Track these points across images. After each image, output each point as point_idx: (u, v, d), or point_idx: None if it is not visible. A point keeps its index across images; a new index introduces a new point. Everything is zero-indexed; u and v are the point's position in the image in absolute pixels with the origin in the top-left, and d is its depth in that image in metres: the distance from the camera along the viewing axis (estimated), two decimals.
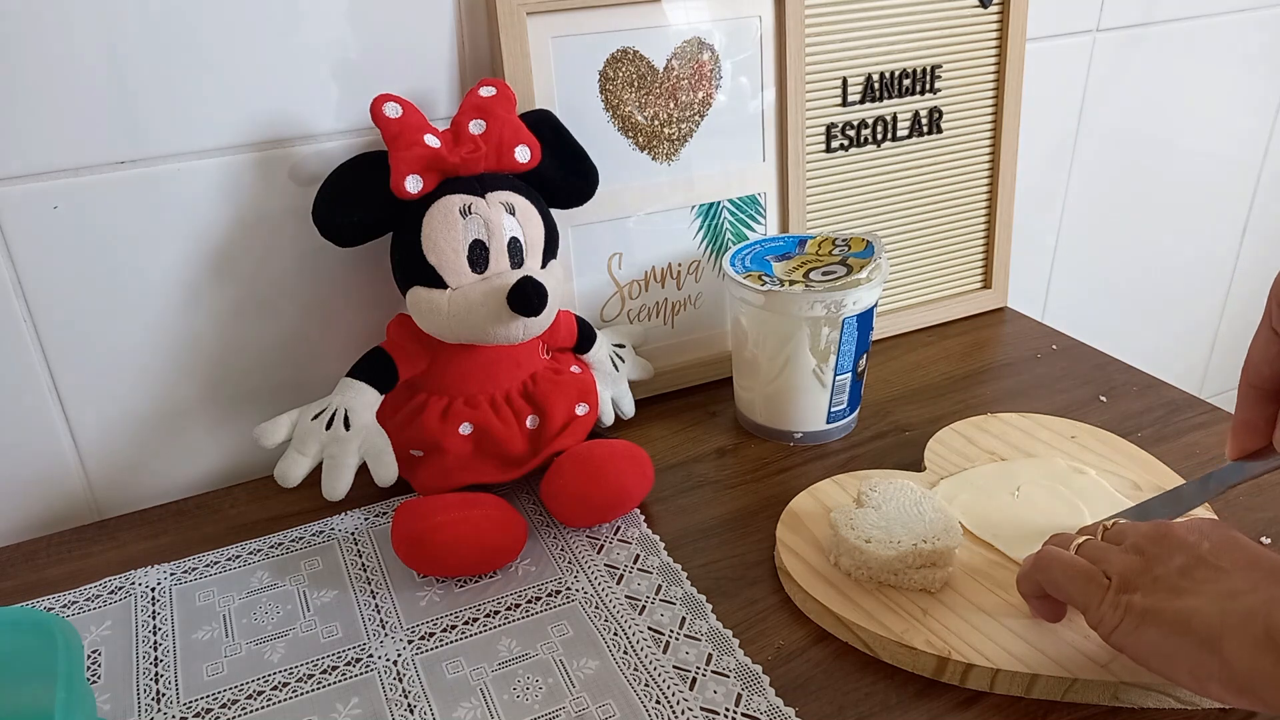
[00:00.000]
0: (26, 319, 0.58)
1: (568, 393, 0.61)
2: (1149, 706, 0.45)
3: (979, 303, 0.86)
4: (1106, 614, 0.42)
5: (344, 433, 0.56)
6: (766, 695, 0.47)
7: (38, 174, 0.56)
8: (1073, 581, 0.44)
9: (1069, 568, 0.45)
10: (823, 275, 0.64)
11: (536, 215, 0.59)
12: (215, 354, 0.64)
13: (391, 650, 0.50)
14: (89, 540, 0.61)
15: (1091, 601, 0.43)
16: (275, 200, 0.62)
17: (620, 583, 0.54)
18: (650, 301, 0.72)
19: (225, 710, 0.47)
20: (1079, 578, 0.44)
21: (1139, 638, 0.41)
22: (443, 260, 0.56)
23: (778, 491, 0.62)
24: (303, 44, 0.59)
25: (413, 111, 0.57)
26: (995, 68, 0.80)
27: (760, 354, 0.66)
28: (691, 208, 0.72)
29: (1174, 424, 0.68)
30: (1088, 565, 0.44)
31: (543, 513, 0.61)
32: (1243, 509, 0.59)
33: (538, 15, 0.63)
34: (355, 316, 0.67)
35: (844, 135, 0.76)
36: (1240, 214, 1.12)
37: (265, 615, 0.53)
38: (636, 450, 0.60)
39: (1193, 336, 1.19)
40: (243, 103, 0.59)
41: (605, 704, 0.47)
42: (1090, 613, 0.43)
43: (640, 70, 0.67)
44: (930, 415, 0.70)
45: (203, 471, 0.67)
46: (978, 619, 0.49)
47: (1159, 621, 0.40)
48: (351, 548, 0.58)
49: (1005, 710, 0.46)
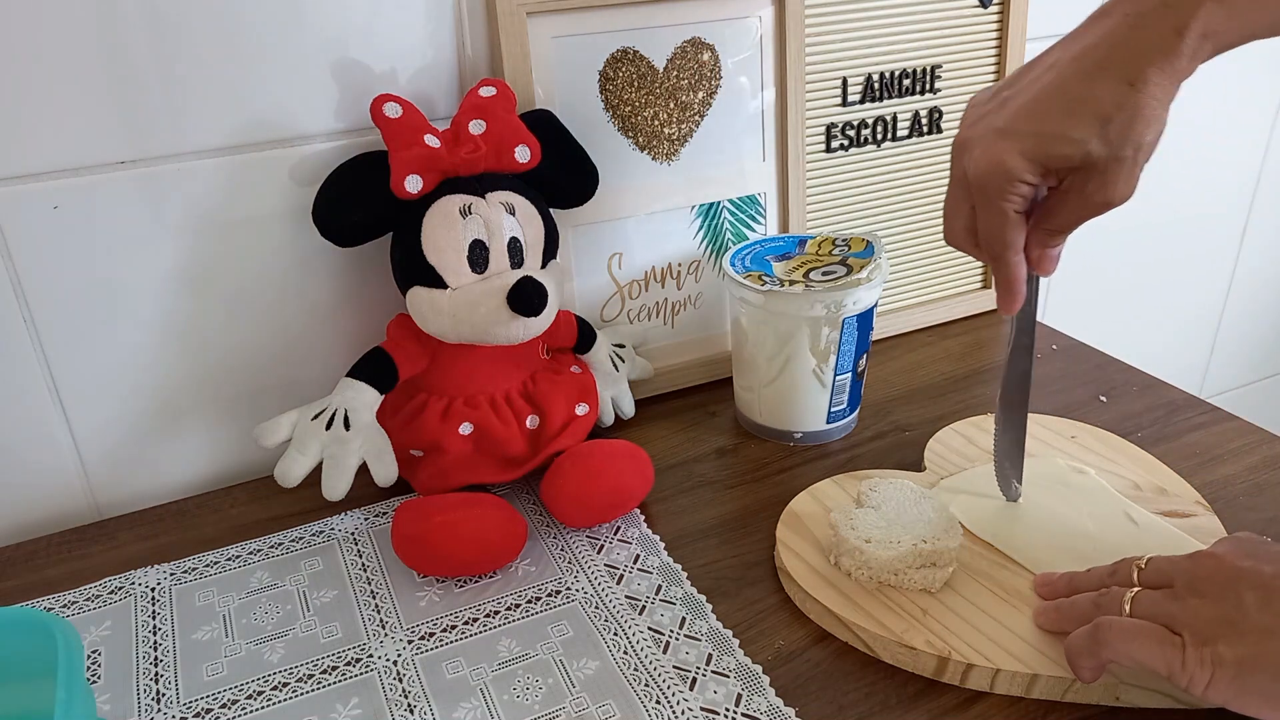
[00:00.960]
0: (27, 319, 0.58)
1: (568, 393, 0.61)
2: (1149, 706, 0.45)
3: (979, 303, 0.85)
4: (1195, 672, 0.39)
5: (344, 433, 0.56)
6: (766, 695, 0.47)
7: (38, 174, 0.56)
8: (1144, 649, 0.41)
9: (1135, 636, 0.41)
10: (823, 275, 0.64)
11: (536, 215, 0.59)
12: (215, 354, 0.64)
13: (391, 650, 0.50)
14: (89, 540, 0.60)
15: (1174, 665, 0.40)
16: (275, 200, 0.62)
17: (620, 583, 0.54)
18: (650, 301, 0.72)
19: (225, 710, 0.47)
20: (1149, 643, 0.41)
21: (1242, 688, 0.38)
22: (443, 260, 0.56)
23: (778, 491, 0.62)
24: (303, 44, 0.59)
25: (413, 111, 0.57)
26: (995, 68, 0.80)
27: (760, 354, 0.66)
28: (691, 208, 0.72)
29: (1174, 424, 0.68)
30: (1153, 628, 0.41)
31: (543, 513, 0.61)
32: (1243, 509, 0.59)
33: (538, 15, 0.63)
34: (355, 316, 0.67)
35: (844, 135, 0.76)
36: (1240, 214, 1.12)
37: (265, 615, 0.53)
38: (636, 450, 0.60)
39: (1193, 336, 1.19)
40: (243, 102, 0.59)
41: (605, 704, 0.47)
42: (1176, 676, 0.40)
43: (640, 70, 0.67)
44: (930, 415, 0.70)
45: (203, 471, 0.67)
46: (978, 619, 0.49)
47: (1261, 667, 0.38)
48: (351, 548, 0.58)
49: (1005, 710, 0.46)
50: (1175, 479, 0.60)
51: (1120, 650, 0.42)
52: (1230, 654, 0.38)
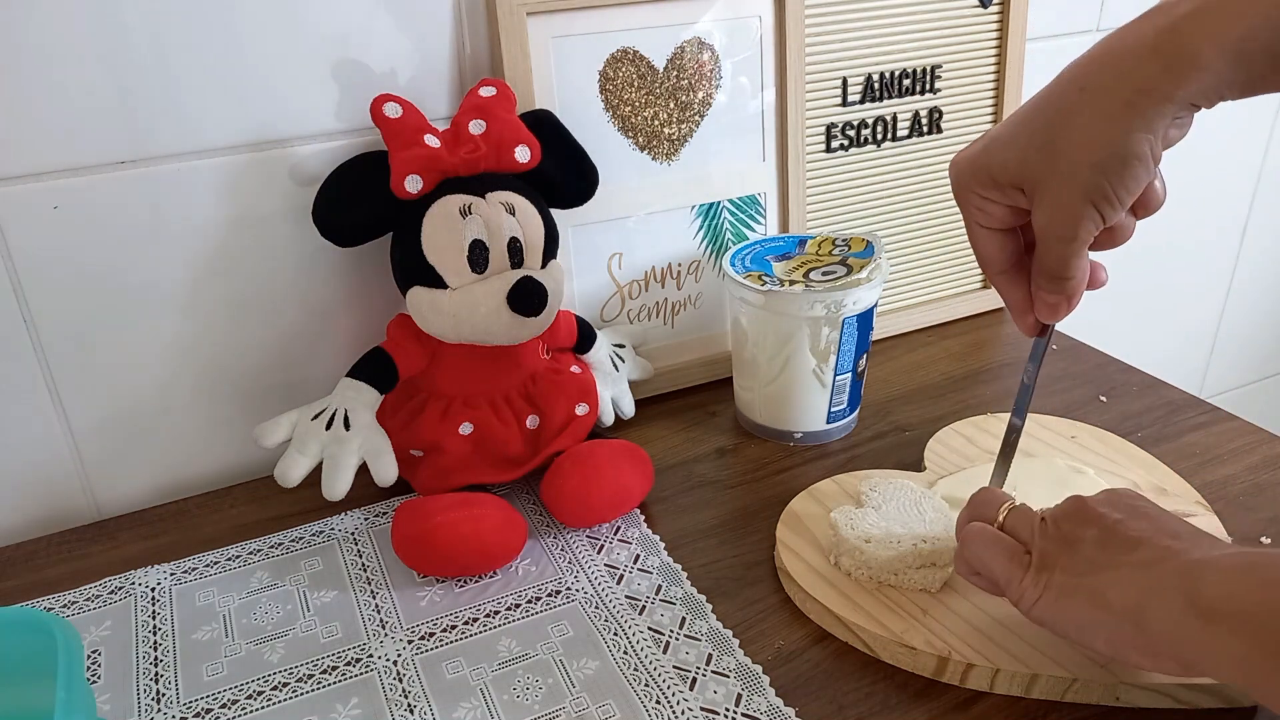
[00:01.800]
0: (26, 319, 0.58)
1: (568, 393, 0.61)
2: (1149, 706, 0.45)
3: (979, 303, 0.85)
4: (1028, 591, 0.43)
5: (344, 433, 0.56)
6: (766, 695, 0.47)
7: (38, 174, 0.56)
8: (996, 559, 0.45)
9: (992, 545, 0.45)
10: (823, 275, 0.64)
11: (536, 215, 0.59)
12: (215, 354, 0.64)
13: (391, 650, 0.50)
14: (89, 540, 0.60)
15: (1013, 580, 0.44)
16: (275, 200, 0.62)
17: (620, 583, 0.54)
18: (650, 301, 0.72)
19: (225, 710, 0.47)
20: (1001, 555, 0.45)
21: (1058, 611, 0.42)
22: (443, 260, 0.56)
23: (778, 491, 0.62)
24: (303, 44, 0.59)
25: (413, 111, 0.57)
26: (995, 68, 0.80)
27: (760, 354, 0.66)
28: (691, 208, 0.72)
29: (1174, 424, 0.68)
30: (1011, 543, 0.45)
31: (543, 513, 0.61)
32: (1243, 509, 0.59)
33: (538, 15, 0.63)
34: (355, 316, 0.67)
35: (844, 135, 0.76)
36: (1240, 214, 1.12)
37: (265, 615, 0.53)
38: (636, 450, 0.60)
39: (1193, 336, 1.19)
40: (243, 102, 0.59)
41: (605, 704, 0.47)
42: (1011, 588, 0.44)
43: (640, 70, 0.67)
44: (930, 415, 0.70)
45: (203, 471, 0.67)
46: (978, 619, 0.49)
47: (1078, 596, 0.41)
48: (351, 548, 0.58)
49: (1005, 710, 0.46)
50: (1175, 479, 0.60)
51: (975, 553, 0.45)
52: (1058, 581, 0.42)
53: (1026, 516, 0.45)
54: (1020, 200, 0.45)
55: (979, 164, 0.46)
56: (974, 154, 0.47)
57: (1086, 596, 0.41)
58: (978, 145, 0.47)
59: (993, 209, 0.47)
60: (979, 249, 0.49)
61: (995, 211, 0.47)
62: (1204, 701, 0.45)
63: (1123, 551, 0.41)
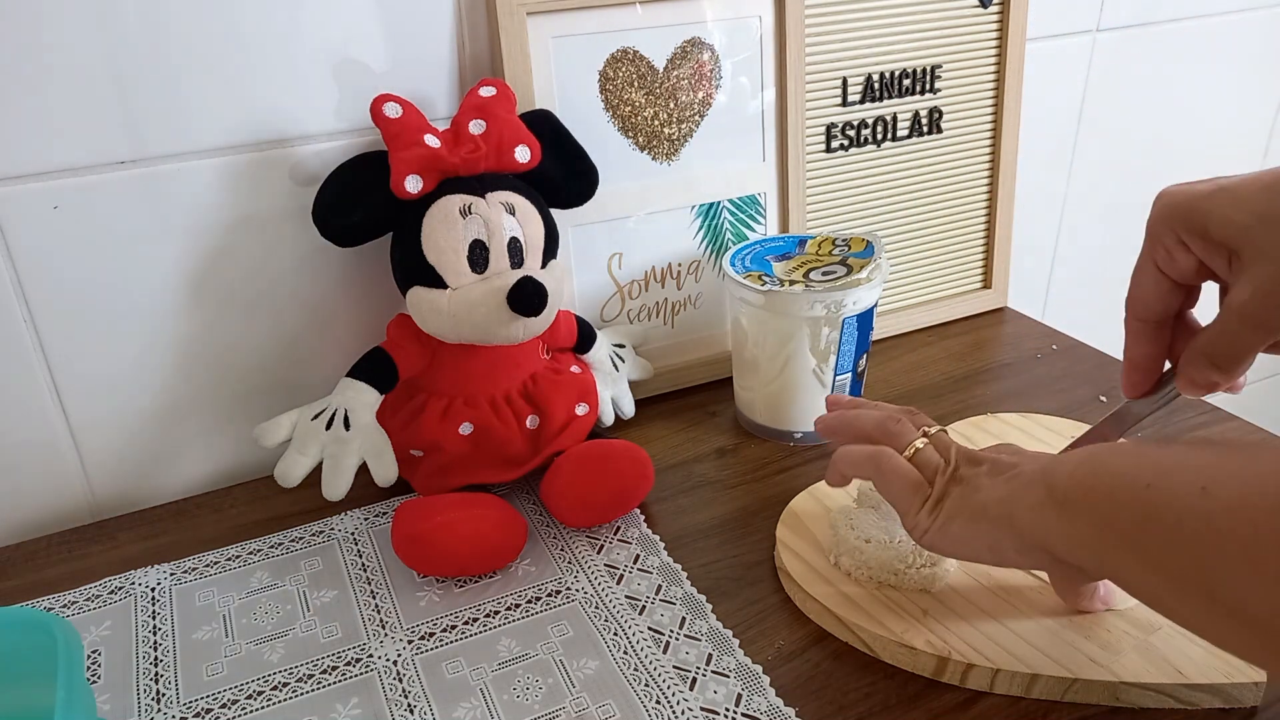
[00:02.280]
0: (26, 319, 0.58)
1: (568, 393, 0.61)
2: (1149, 706, 0.45)
3: (979, 303, 0.85)
4: (922, 520, 0.46)
5: (344, 433, 0.56)
6: (766, 695, 0.47)
7: (38, 174, 0.56)
8: (902, 490, 0.47)
9: (902, 476, 0.47)
10: (823, 275, 0.64)
11: (536, 215, 0.59)
12: (215, 354, 0.64)
13: (391, 650, 0.50)
14: (89, 540, 0.60)
15: (912, 510, 0.46)
16: (275, 200, 0.62)
17: (620, 583, 0.54)
18: (650, 301, 0.72)
19: (225, 710, 0.47)
20: (907, 487, 0.47)
21: (945, 533, 0.45)
22: (443, 260, 0.56)
23: (778, 491, 0.62)
24: (303, 44, 0.59)
25: (413, 111, 0.57)
26: (995, 68, 0.80)
27: (760, 354, 0.66)
28: (691, 208, 0.72)
29: (1174, 424, 0.68)
30: (918, 476, 0.47)
31: (543, 513, 0.61)
32: None
33: (538, 15, 0.63)
34: (355, 316, 0.67)
35: (844, 135, 0.76)
36: None
37: (265, 615, 0.53)
38: (636, 450, 0.60)
39: None
40: (243, 103, 0.59)
41: (605, 704, 0.47)
42: (908, 518, 0.46)
43: (640, 70, 0.67)
44: (930, 415, 0.69)
45: (203, 471, 0.67)
46: (978, 619, 0.49)
47: (962, 516, 0.44)
48: (351, 548, 0.58)
49: (1005, 710, 0.46)
50: None
51: (884, 481, 0.48)
52: (948, 507, 0.45)
53: (932, 458, 0.47)
54: (1219, 263, 0.41)
55: (1197, 208, 0.41)
56: (1194, 195, 0.42)
57: (969, 513, 0.44)
58: (1202, 187, 0.42)
59: (1183, 258, 0.43)
60: (1139, 290, 0.45)
61: (1184, 262, 0.43)
62: (1205, 701, 0.45)
63: (998, 473, 0.45)
